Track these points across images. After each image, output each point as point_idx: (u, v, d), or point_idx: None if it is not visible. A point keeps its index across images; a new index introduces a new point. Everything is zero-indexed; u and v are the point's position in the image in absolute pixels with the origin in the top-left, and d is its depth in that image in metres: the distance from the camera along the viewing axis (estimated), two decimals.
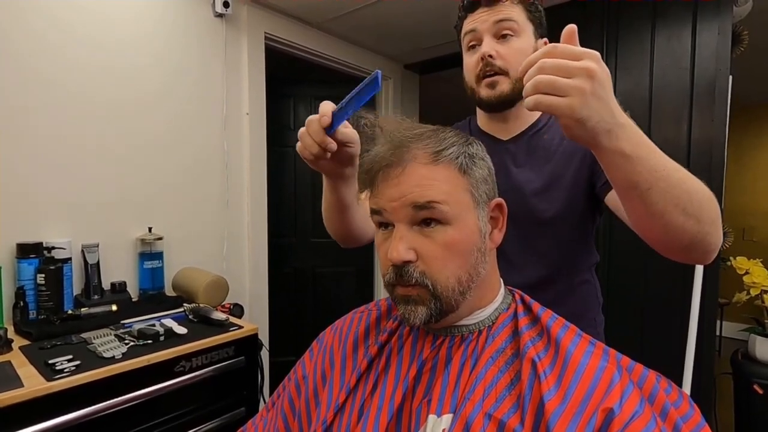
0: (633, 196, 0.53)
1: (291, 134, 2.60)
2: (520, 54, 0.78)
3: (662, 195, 0.51)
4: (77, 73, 1.43)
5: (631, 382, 0.47)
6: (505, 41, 0.80)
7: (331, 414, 0.56)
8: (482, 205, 0.54)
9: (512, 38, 0.80)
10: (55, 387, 0.91)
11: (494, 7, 0.80)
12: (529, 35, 0.81)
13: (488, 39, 0.80)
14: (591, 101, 0.46)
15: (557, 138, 0.84)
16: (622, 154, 0.49)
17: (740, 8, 1.60)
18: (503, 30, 0.79)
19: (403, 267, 0.51)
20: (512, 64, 0.79)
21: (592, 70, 0.45)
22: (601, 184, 0.77)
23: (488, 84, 0.81)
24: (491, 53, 0.79)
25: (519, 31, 0.80)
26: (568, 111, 0.46)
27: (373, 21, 2.11)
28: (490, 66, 0.80)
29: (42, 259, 1.29)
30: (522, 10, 0.81)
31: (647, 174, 0.50)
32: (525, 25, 0.81)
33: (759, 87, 3.21)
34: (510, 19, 0.79)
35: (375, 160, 0.53)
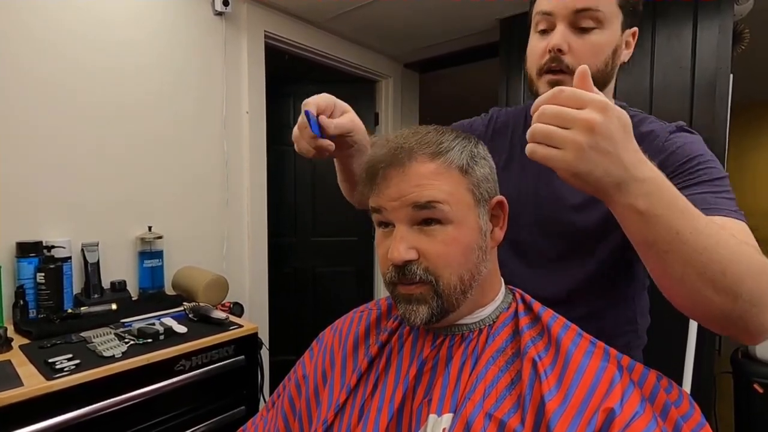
0: (649, 255, 0.48)
1: (291, 133, 2.59)
2: (597, 51, 0.67)
3: (683, 261, 0.45)
4: (76, 73, 1.42)
5: (631, 382, 0.47)
6: (582, 34, 0.66)
7: (332, 414, 0.56)
8: (483, 203, 0.54)
9: (593, 31, 0.66)
10: (54, 386, 0.91)
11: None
12: (615, 27, 0.67)
13: (562, 28, 0.66)
14: (590, 155, 0.42)
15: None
16: (636, 210, 0.45)
17: (741, 6, 1.60)
18: (584, 20, 0.66)
19: (405, 266, 0.51)
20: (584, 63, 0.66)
21: (591, 122, 0.42)
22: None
23: (550, 82, 0.68)
24: (563, 47, 0.66)
25: (604, 22, 0.66)
26: (563, 165, 0.43)
27: (373, 20, 2.11)
28: (557, 62, 0.67)
29: (42, 258, 1.29)
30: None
31: (666, 234, 0.45)
32: (613, 15, 0.66)
33: (760, 86, 3.21)
34: (595, 9, 0.65)
35: (375, 160, 0.53)
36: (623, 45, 0.70)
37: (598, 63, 0.67)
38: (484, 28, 2.16)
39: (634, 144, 0.45)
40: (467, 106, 4.32)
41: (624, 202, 0.45)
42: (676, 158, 0.64)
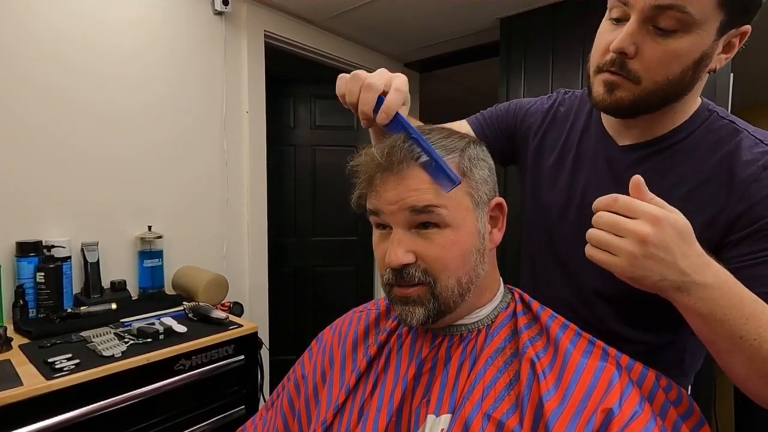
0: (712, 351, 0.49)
1: (291, 133, 2.60)
2: (673, 59, 0.53)
3: (747, 363, 0.46)
4: (76, 74, 1.42)
5: (630, 382, 0.47)
6: (659, 36, 0.53)
7: (331, 414, 0.56)
8: (482, 205, 0.54)
9: (674, 35, 0.52)
10: (54, 386, 0.91)
11: None
12: (705, 32, 0.52)
13: (634, 26, 0.53)
14: (644, 263, 0.43)
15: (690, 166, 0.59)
16: (698, 313, 0.45)
17: None
18: (665, 20, 0.52)
19: (403, 269, 0.51)
20: (651, 71, 0.55)
21: (642, 234, 0.43)
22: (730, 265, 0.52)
23: (606, 82, 0.58)
24: (628, 50, 0.54)
25: (691, 25, 0.51)
26: (618, 270, 0.45)
27: (373, 19, 2.11)
28: (619, 64, 0.56)
29: (42, 257, 1.29)
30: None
31: (728, 338, 0.45)
32: (708, 15, 0.51)
33: (760, 86, 3.20)
34: (681, 9, 0.50)
35: (373, 162, 0.52)
36: (718, 50, 0.56)
37: (671, 73, 0.54)
38: (484, 28, 2.16)
39: (696, 248, 0.45)
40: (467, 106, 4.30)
41: (685, 303, 0.45)
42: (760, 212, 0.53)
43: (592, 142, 0.69)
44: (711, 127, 0.60)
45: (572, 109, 0.76)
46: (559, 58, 1.91)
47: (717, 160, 0.57)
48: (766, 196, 0.53)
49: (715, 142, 0.59)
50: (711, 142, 0.59)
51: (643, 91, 0.56)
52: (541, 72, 1.95)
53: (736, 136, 0.58)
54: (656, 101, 0.57)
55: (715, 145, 0.58)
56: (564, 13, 1.88)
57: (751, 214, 0.54)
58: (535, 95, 0.84)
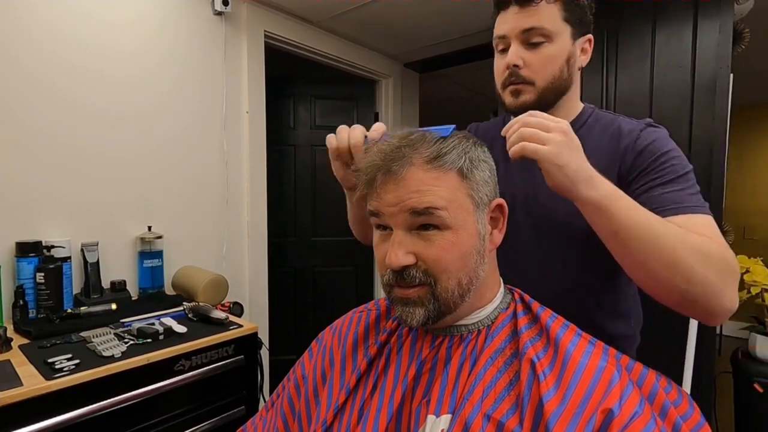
0: (615, 243, 0.59)
1: (291, 133, 2.60)
2: (550, 62, 0.75)
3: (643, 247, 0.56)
4: (76, 75, 1.42)
5: (630, 382, 0.47)
6: (535, 48, 0.75)
7: (331, 414, 0.56)
8: (482, 207, 0.54)
9: (544, 45, 0.74)
10: (54, 386, 0.91)
11: (525, 7, 0.73)
12: (564, 39, 0.75)
13: (516, 46, 0.75)
14: (567, 150, 0.55)
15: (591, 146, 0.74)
16: (600, 202, 0.57)
17: (741, 6, 1.60)
18: (534, 37, 0.74)
19: (403, 270, 0.51)
20: (539, 73, 0.75)
21: (565, 128, 0.57)
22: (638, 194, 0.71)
23: (512, 92, 0.78)
24: (517, 63, 0.75)
25: (552, 36, 0.74)
26: (549, 156, 0.55)
27: (373, 19, 2.11)
28: (515, 75, 0.76)
29: (41, 257, 1.29)
30: (558, 11, 0.74)
31: (626, 223, 0.57)
32: (560, 29, 0.74)
33: (760, 86, 3.21)
34: (540, 27, 0.73)
35: (374, 164, 0.52)
36: (578, 53, 0.79)
37: (552, 71, 0.76)
38: (484, 28, 2.16)
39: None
40: (467, 106, 4.32)
41: (593, 194, 0.57)
42: (648, 155, 0.72)
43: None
44: (597, 117, 0.82)
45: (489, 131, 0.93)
46: None
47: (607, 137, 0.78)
48: (647, 145, 0.73)
49: (604, 126, 0.80)
50: (601, 126, 0.80)
51: (539, 90, 0.76)
52: None
53: (616, 120, 0.80)
54: (551, 96, 0.77)
55: (604, 128, 0.79)
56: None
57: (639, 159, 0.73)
58: None
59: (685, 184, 0.69)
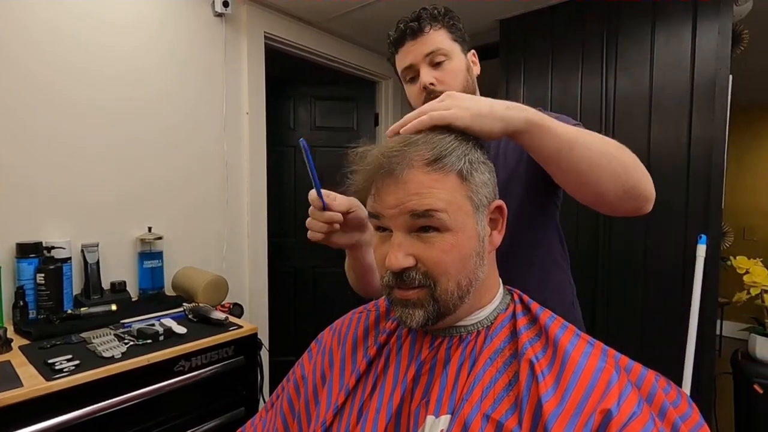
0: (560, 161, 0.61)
1: (291, 134, 2.60)
2: (457, 74, 0.87)
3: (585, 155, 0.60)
4: (76, 75, 1.43)
5: (629, 383, 0.47)
6: (440, 67, 0.86)
7: (331, 415, 0.56)
8: (482, 209, 0.54)
9: (445, 62, 0.86)
10: (54, 387, 0.91)
11: (419, 38, 0.86)
12: (458, 54, 0.88)
13: (425, 69, 0.86)
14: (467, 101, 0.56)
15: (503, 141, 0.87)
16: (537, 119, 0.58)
17: (740, 7, 1.60)
18: (436, 58, 0.86)
19: (403, 272, 0.51)
20: (451, 86, 0.86)
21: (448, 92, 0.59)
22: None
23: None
24: (432, 81, 0.85)
25: (449, 54, 0.86)
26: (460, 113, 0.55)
27: (373, 20, 2.11)
28: (433, 93, 0.84)
29: (42, 258, 1.29)
30: (445, 34, 0.87)
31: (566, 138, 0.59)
32: (452, 47, 0.87)
33: (759, 86, 3.21)
34: (438, 49, 0.86)
35: (374, 165, 0.52)
36: (471, 64, 0.92)
37: (461, 81, 0.88)
38: (484, 29, 2.16)
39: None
40: None
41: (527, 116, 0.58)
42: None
43: None
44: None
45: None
46: (558, 60, 1.91)
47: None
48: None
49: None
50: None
51: None
52: (540, 73, 1.96)
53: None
54: None
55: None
56: (563, 15, 1.89)
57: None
58: (535, 96, 0.97)
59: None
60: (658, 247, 1.70)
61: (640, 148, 1.72)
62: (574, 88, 1.87)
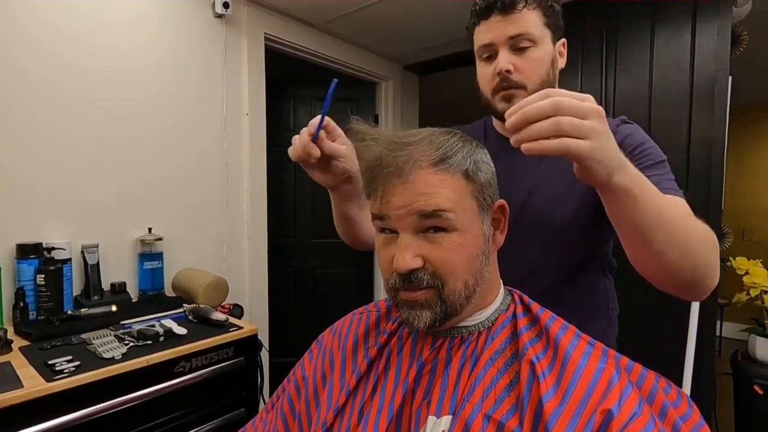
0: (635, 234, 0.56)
1: (291, 135, 2.57)
2: (538, 65, 0.77)
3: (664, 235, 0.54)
4: (77, 76, 1.43)
5: (630, 383, 0.47)
6: (522, 53, 0.76)
7: (331, 415, 0.56)
8: (486, 208, 0.54)
9: (530, 49, 0.76)
10: (54, 387, 0.91)
11: (509, 15, 0.75)
12: (547, 42, 0.78)
13: (504, 53, 0.76)
14: (606, 141, 0.47)
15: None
16: (630, 191, 0.51)
17: (739, 9, 1.60)
18: (521, 42, 0.76)
19: (411, 274, 0.51)
20: (529, 77, 0.77)
21: (601, 111, 0.46)
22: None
23: (504, 97, 0.78)
24: (509, 68, 0.75)
25: (537, 40, 0.76)
26: (592, 152, 0.46)
27: (373, 22, 2.11)
28: (507, 81, 0.76)
29: (42, 259, 1.29)
30: (539, 16, 0.76)
31: (651, 211, 0.53)
32: (543, 33, 0.77)
33: (759, 87, 3.21)
34: (526, 33, 0.75)
35: (377, 165, 0.52)
36: (558, 55, 0.82)
37: (541, 74, 0.78)
38: None
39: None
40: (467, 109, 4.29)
41: (624, 184, 0.50)
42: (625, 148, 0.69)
43: (495, 146, 0.81)
44: None
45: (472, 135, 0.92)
46: None
47: None
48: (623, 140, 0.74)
49: None
50: None
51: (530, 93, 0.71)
52: None
53: None
54: None
55: None
56: (563, 16, 1.89)
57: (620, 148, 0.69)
58: None
59: (662, 170, 0.72)
60: None
61: None
62: (573, 88, 1.87)
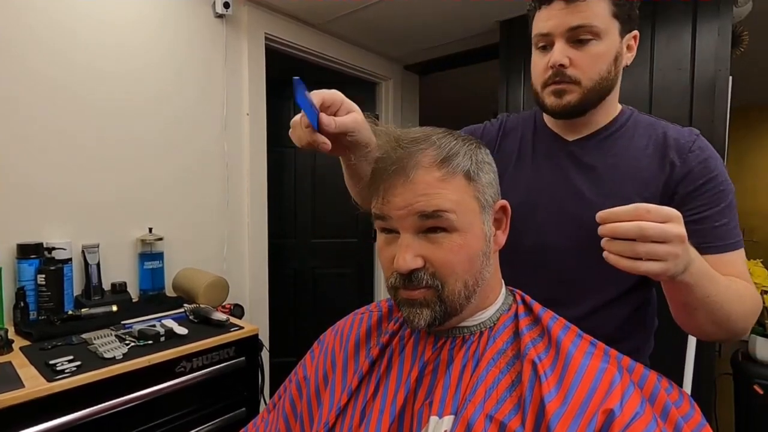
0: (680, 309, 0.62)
1: None
2: (598, 60, 0.70)
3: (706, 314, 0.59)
4: (77, 76, 1.43)
5: (631, 383, 0.47)
6: (582, 46, 0.70)
7: (333, 416, 0.56)
8: (488, 208, 0.54)
9: (591, 42, 0.69)
10: (55, 387, 0.91)
11: (573, 3, 0.68)
12: (613, 35, 0.71)
13: (561, 45, 0.70)
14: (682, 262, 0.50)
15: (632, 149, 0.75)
16: (687, 285, 0.55)
17: (740, 9, 1.60)
18: (582, 33, 0.69)
19: (411, 273, 0.51)
20: (586, 73, 0.71)
21: (683, 236, 0.48)
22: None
23: (554, 92, 0.73)
24: (563, 62, 0.70)
25: (601, 33, 0.69)
26: (662, 273, 0.49)
27: (373, 22, 2.11)
28: (560, 75, 0.71)
29: (42, 259, 1.29)
30: (608, 7, 0.69)
31: (701, 297, 0.57)
32: (609, 25, 0.69)
33: (759, 87, 3.22)
34: (590, 25, 0.68)
35: (380, 165, 0.52)
36: (624, 50, 0.74)
37: (600, 71, 0.71)
38: (484, 30, 2.17)
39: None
40: (467, 109, 4.33)
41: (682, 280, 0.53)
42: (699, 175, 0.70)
43: (546, 144, 0.82)
44: (637, 119, 0.78)
45: (519, 124, 0.89)
46: None
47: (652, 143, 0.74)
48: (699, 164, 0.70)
49: (646, 129, 0.76)
50: (642, 128, 0.77)
51: (585, 89, 0.72)
52: None
53: (658, 125, 0.77)
54: (595, 97, 0.73)
55: (646, 132, 0.76)
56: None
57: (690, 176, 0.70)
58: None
59: (730, 215, 0.69)
60: None
61: None
62: None
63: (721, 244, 0.68)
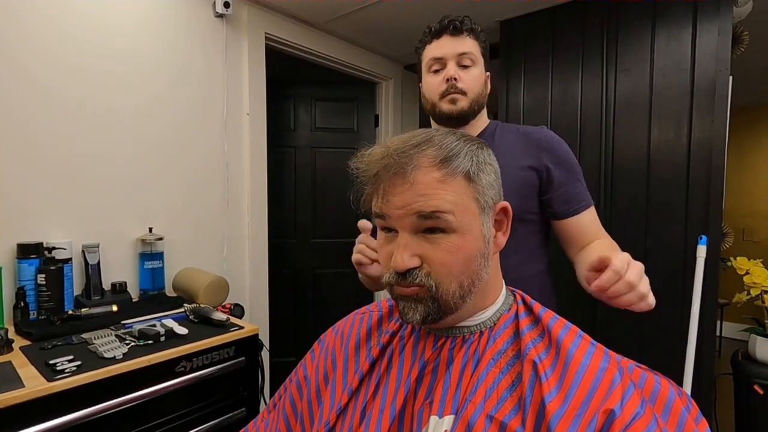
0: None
1: (291, 135, 2.60)
2: (477, 81, 0.97)
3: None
4: (77, 76, 1.43)
5: (632, 383, 0.47)
6: (465, 69, 0.96)
7: (334, 415, 0.56)
8: (488, 210, 0.54)
9: (471, 68, 0.97)
10: (56, 387, 0.91)
11: (457, 36, 0.95)
12: (481, 66, 0.99)
13: (452, 65, 0.96)
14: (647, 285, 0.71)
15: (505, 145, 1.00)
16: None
17: (740, 9, 1.60)
18: (465, 60, 0.96)
19: (407, 271, 0.51)
20: (470, 88, 0.96)
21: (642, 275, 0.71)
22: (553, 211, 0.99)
23: (450, 100, 0.96)
24: (456, 77, 0.95)
25: (476, 62, 0.97)
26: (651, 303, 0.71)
27: (373, 21, 2.11)
28: (454, 87, 0.95)
29: (42, 259, 1.29)
30: (477, 45, 0.98)
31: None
32: (479, 58, 0.98)
33: (759, 88, 3.21)
34: (470, 52, 0.96)
35: (380, 165, 0.52)
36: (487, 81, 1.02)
37: (478, 88, 0.98)
38: (484, 30, 2.16)
39: None
40: None
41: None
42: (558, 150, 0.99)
43: None
44: (502, 126, 1.05)
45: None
46: (558, 60, 1.91)
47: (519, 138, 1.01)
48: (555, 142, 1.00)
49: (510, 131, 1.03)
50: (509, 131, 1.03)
51: (471, 100, 0.97)
52: (540, 74, 1.96)
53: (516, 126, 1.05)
54: (476, 108, 0.99)
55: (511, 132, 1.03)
56: (563, 16, 1.89)
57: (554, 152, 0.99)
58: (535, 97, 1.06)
59: (582, 179, 1.00)
60: (658, 247, 1.70)
61: (640, 149, 1.73)
62: (574, 89, 1.88)
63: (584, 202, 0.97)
